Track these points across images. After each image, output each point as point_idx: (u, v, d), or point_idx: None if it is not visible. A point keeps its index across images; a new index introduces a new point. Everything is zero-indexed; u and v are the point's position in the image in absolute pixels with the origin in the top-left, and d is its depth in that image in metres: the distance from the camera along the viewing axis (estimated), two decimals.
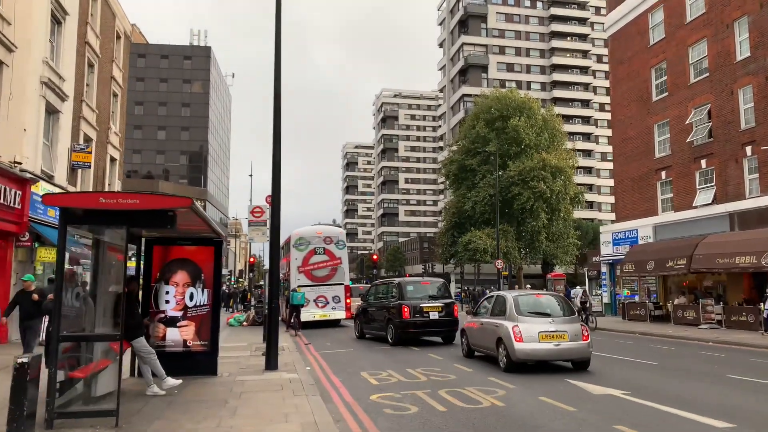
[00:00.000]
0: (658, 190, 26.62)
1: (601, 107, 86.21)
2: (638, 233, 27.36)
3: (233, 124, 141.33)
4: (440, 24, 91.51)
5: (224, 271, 79.76)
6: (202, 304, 9.19)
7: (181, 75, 72.31)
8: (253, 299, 30.76)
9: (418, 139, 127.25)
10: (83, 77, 18.88)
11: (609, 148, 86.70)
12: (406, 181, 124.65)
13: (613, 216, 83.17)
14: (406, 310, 14.61)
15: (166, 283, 9.07)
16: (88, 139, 19.83)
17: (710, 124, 23.56)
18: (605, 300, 29.64)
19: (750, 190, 21.67)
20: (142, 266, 9.22)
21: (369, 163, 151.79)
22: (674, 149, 25.51)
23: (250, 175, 43.84)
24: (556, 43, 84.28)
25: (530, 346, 10.00)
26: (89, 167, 18.65)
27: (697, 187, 24.13)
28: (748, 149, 21.59)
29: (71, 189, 17.97)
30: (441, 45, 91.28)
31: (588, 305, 22.76)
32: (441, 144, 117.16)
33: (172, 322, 9.06)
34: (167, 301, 9.06)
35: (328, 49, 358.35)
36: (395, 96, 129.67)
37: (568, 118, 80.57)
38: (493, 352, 10.93)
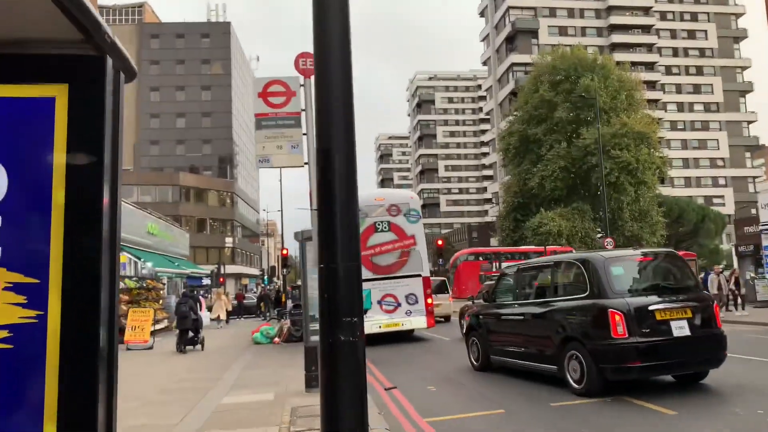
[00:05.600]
0: None
1: (668, 70, 76.47)
2: None
3: None
4: None
5: (254, 271, 72.82)
6: None
7: (199, 55, 65.42)
8: (289, 303, 23.23)
9: (457, 123, 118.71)
10: None
11: (679, 116, 77.24)
12: (446, 168, 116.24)
13: (689, 192, 73.82)
14: (617, 318, 6.65)
15: None
16: None
17: None
18: None
19: None
20: None
21: (404, 154, 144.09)
22: None
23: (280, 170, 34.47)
24: (613, 1, 74.89)
25: None
26: None
27: None
28: None
29: None
30: (482, 14, 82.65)
31: None
32: (484, 127, 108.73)
33: None
34: None
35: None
36: (430, 78, 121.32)
37: None
38: None
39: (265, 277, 49.16)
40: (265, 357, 13.76)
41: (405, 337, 15.91)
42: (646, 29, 75.46)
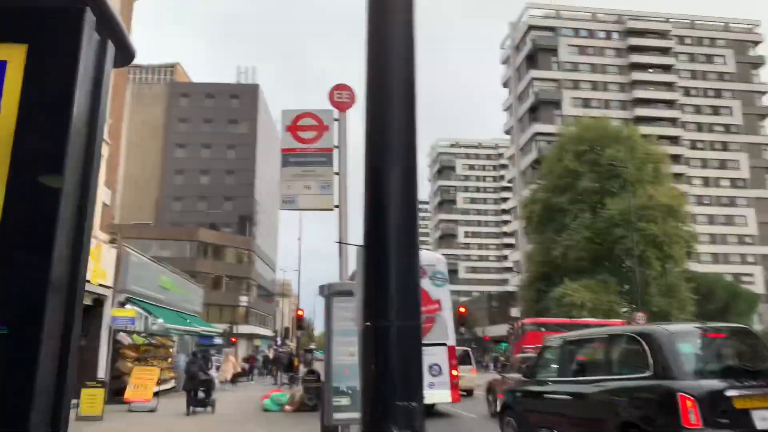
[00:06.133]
0: None
1: (693, 145, 76.15)
2: None
3: None
4: (504, 62, 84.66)
5: (267, 332, 71.23)
6: None
7: (226, 115, 66.97)
8: (302, 367, 22.13)
9: (477, 190, 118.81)
10: None
11: (704, 191, 76.17)
12: (466, 234, 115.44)
13: (717, 268, 71.77)
14: (689, 404, 5.68)
15: None
16: None
17: None
18: None
19: None
20: None
21: (424, 219, 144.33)
22: None
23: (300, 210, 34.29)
24: (637, 76, 75.80)
25: None
26: None
27: None
28: None
29: None
30: (506, 84, 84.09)
31: None
32: (505, 195, 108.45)
33: None
34: None
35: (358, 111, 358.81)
36: (452, 145, 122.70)
37: None
38: None
39: (278, 338, 47.88)
40: (275, 427, 12.68)
41: (426, 412, 14.71)
42: (669, 104, 75.83)
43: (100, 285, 16.33)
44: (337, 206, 5.59)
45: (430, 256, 15.80)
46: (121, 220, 58.58)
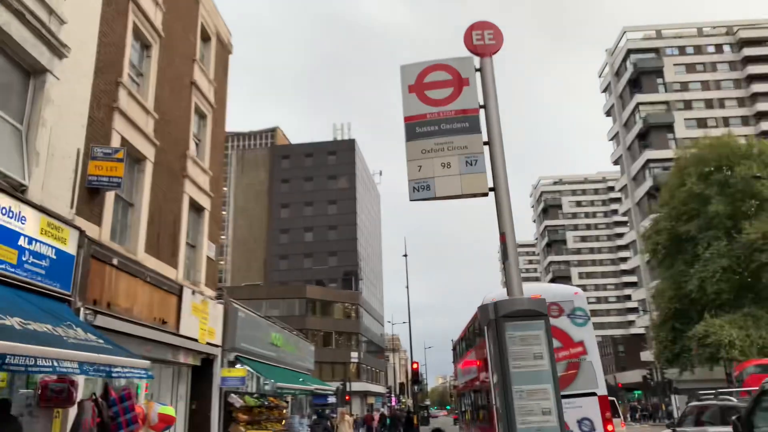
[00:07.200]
0: None
1: None
2: None
3: (384, 228, 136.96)
4: (604, 91, 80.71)
5: (380, 388, 69.27)
6: None
7: (325, 172, 68.33)
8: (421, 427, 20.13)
9: (588, 227, 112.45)
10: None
11: None
12: (581, 276, 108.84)
13: None
14: None
15: None
16: (140, 159, 11.88)
17: None
18: None
19: None
20: None
21: (531, 262, 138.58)
22: None
23: (405, 255, 32.41)
24: (757, 88, 69.18)
25: None
26: (117, 186, 10.10)
27: None
28: None
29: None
30: (609, 113, 79.90)
31: None
32: (619, 230, 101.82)
33: None
34: None
35: None
36: (555, 183, 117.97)
37: None
38: None
39: (392, 394, 45.85)
40: None
41: None
42: None
43: (209, 344, 15.53)
44: (492, 189, 3.87)
45: (566, 291, 13.64)
46: (232, 282, 60.11)
